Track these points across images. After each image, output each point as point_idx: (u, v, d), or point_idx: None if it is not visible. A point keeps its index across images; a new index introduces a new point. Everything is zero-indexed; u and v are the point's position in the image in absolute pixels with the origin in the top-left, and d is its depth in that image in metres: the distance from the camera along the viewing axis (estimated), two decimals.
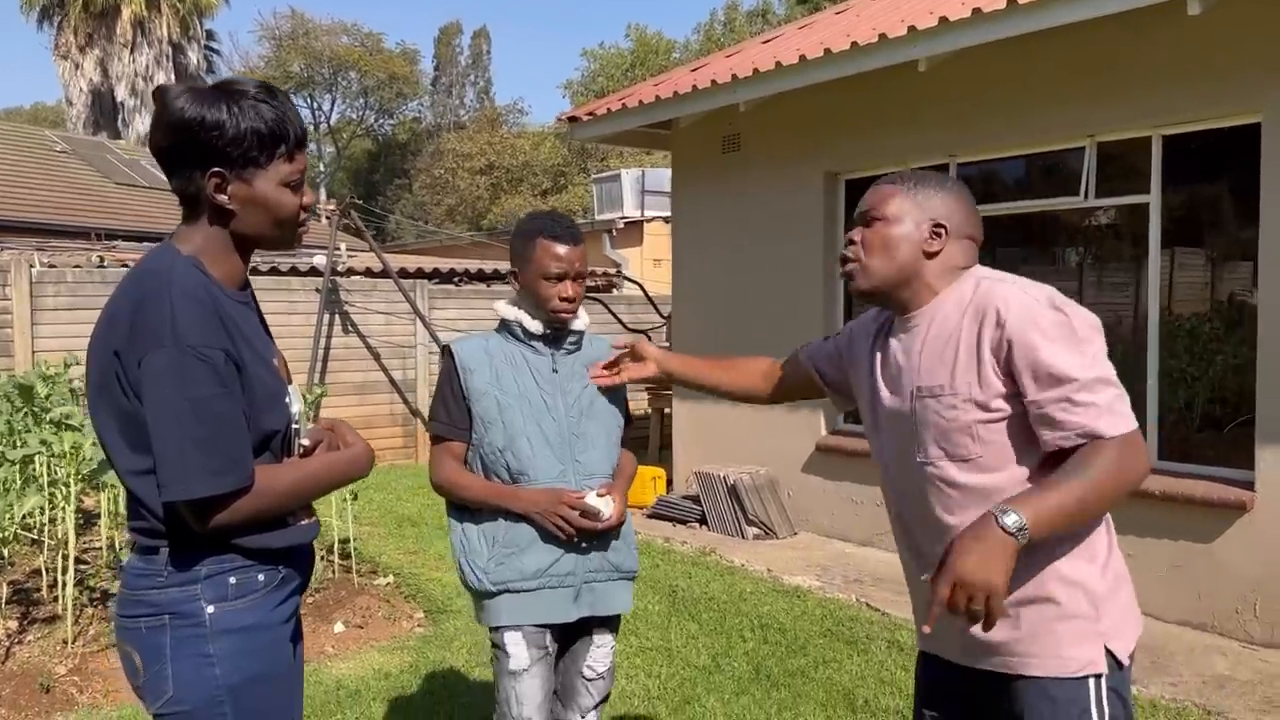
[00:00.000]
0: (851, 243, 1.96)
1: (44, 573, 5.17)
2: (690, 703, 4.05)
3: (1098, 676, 1.77)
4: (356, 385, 9.99)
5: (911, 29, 5.44)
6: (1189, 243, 5.35)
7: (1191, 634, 4.84)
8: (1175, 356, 5.25)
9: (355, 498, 6.05)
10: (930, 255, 1.89)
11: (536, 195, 28.03)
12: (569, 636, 2.59)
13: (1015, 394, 1.75)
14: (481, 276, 11.37)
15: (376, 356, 10.17)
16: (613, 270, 12.71)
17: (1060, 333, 1.72)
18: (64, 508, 4.77)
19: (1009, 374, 1.75)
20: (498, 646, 2.50)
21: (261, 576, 1.73)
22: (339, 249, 10.63)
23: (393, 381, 10.27)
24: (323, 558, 5.78)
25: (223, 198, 1.67)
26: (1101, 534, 1.84)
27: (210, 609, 1.67)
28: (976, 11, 5.11)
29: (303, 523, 1.80)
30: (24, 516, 5.01)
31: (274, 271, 10.06)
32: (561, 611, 2.48)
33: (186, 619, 1.66)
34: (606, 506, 2.43)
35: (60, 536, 4.72)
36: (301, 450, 1.81)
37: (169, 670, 1.66)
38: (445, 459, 2.53)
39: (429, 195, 31.69)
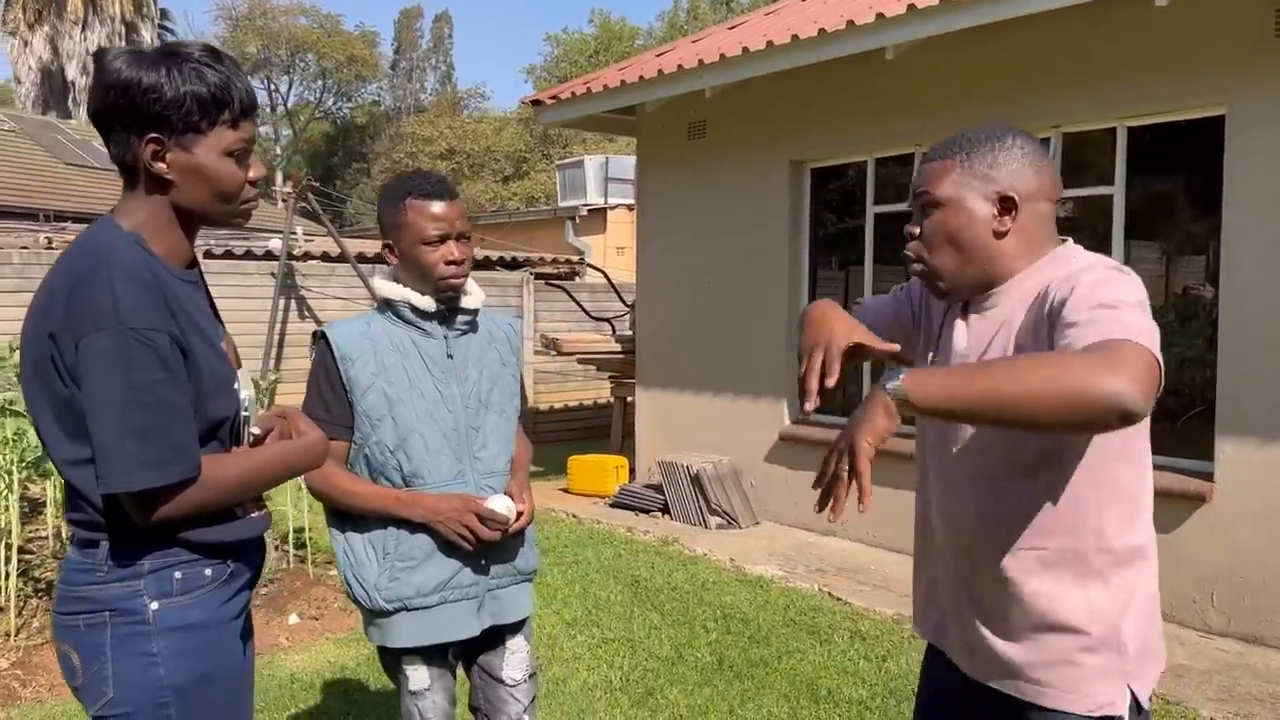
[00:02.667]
0: (912, 237, 1.71)
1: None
2: (653, 694, 4.00)
3: (1116, 719, 1.60)
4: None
5: (879, 16, 5.40)
6: (1151, 234, 5.38)
7: None
8: None
9: (300, 487, 5.91)
10: (1002, 235, 1.64)
11: (498, 181, 27.78)
12: (477, 648, 2.40)
13: None
14: None
15: None
16: (575, 258, 12.60)
17: (1111, 283, 1.52)
18: (6, 496, 4.60)
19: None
20: (395, 666, 2.30)
21: (209, 571, 1.63)
22: (295, 233, 10.42)
23: None
24: (276, 548, 5.65)
25: (160, 165, 1.57)
26: (1142, 566, 1.65)
27: (154, 605, 1.57)
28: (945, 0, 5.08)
29: (252, 515, 1.71)
30: None
31: (228, 255, 9.84)
32: (464, 626, 2.27)
33: (128, 616, 1.57)
34: (512, 511, 2.23)
35: (2, 526, 4.55)
36: (252, 439, 1.72)
37: (109, 671, 1.56)
38: (327, 461, 2.26)
39: (388, 179, 31.30)
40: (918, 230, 1.70)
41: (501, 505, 2.23)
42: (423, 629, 2.24)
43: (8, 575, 4.49)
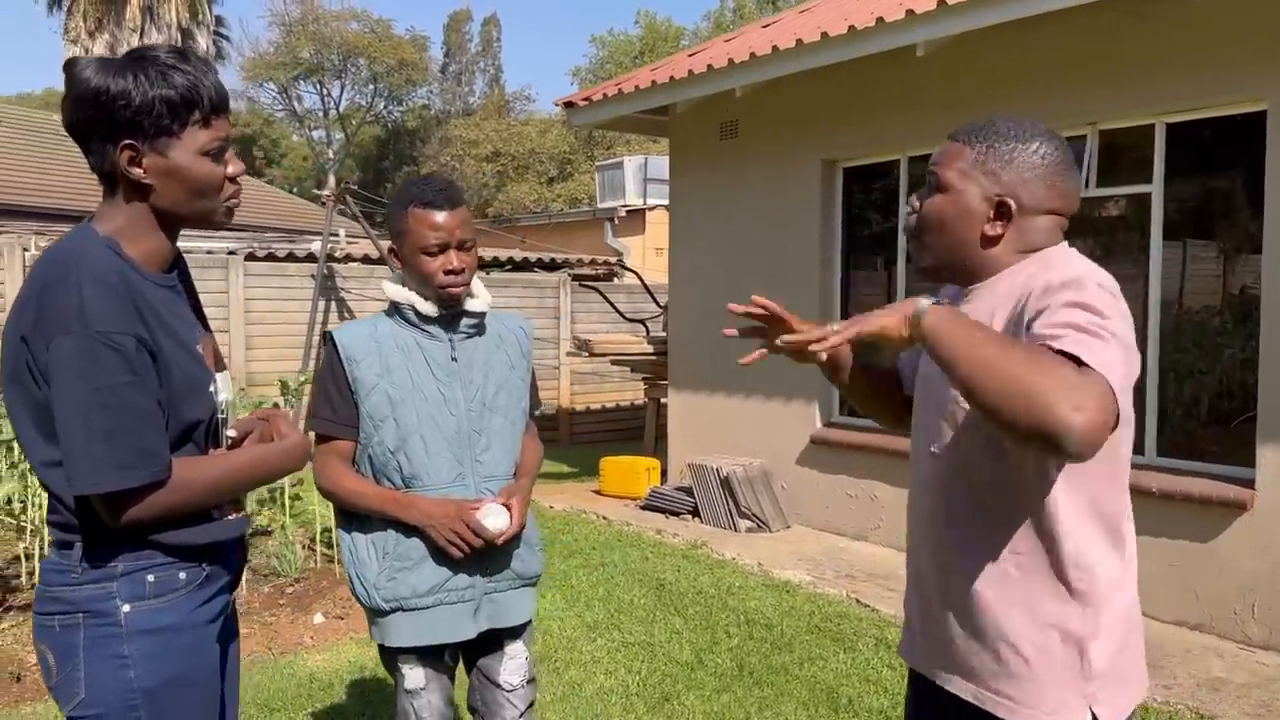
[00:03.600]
0: (913, 210, 1.70)
1: (23, 559, 5.12)
2: (669, 700, 3.97)
3: None
4: None
5: (909, 12, 5.32)
6: (1193, 233, 5.22)
7: (1188, 634, 4.73)
8: (1180, 350, 5.13)
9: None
10: (990, 240, 1.61)
11: (543, 183, 27.88)
12: (476, 650, 2.41)
13: None
14: (481, 264, 11.27)
15: None
16: (613, 259, 12.60)
17: (1085, 299, 1.46)
18: (40, 492, 4.71)
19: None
20: (393, 665, 2.34)
21: (183, 574, 1.64)
22: (336, 235, 10.55)
23: None
24: (305, 547, 5.72)
25: (137, 171, 1.58)
26: (1117, 587, 1.59)
27: (126, 608, 1.58)
28: None
29: (229, 517, 1.71)
30: (6, 503, 4.95)
31: (270, 257, 9.99)
32: (460, 629, 2.28)
33: (101, 618, 1.58)
34: (504, 521, 2.23)
35: (38, 522, 4.66)
36: (229, 442, 1.72)
37: (81, 672, 1.58)
38: (331, 460, 2.27)
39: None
40: (919, 205, 1.69)
41: (493, 519, 2.22)
42: (418, 629, 2.25)
43: (36, 571, 4.58)
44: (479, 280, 2.35)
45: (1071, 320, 1.42)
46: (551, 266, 11.53)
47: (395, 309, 2.29)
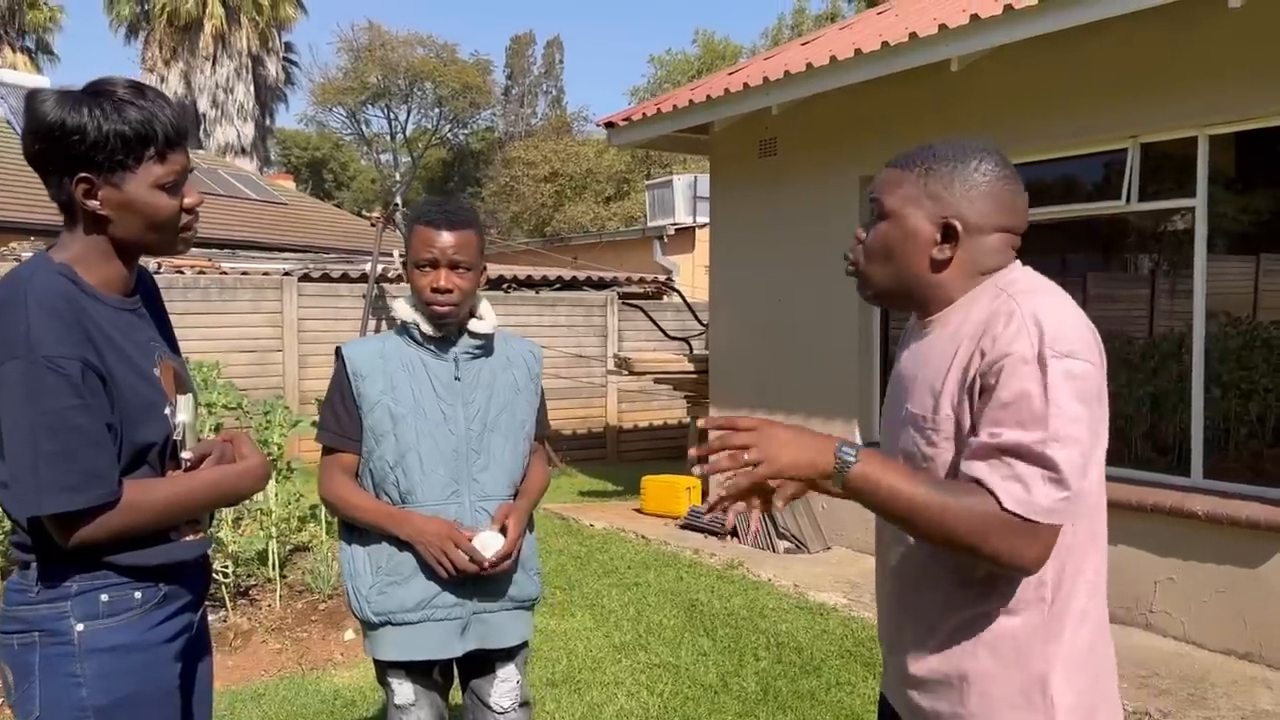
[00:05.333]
0: (859, 240, 1.65)
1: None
2: None
3: None
4: None
5: (942, 27, 5.24)
6: (1238, 248, 5.04)
7: (1235, 664, 4.53)
8: (1226, 368, 4.95)
9: None
10: (939, 265, 1.55)
11: (599, 202, 28.06)
12: (470, 670, 2.42)
13: None
14: (530, 283, 11.37)
15: None
16: (662, 277, 12.61)
17: (1040, 387, 1.39)
18: None
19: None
20: (382, 679, 2.38)
21: (138, 594, 1.67)
22: (390, 254, 10.73)
23: None
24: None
25: (93, 203, 1.62)
26: (1083, 622, 1.53)
27: (80, 627, 1.62)
28: (1008, 8, 4.89)
29: (187, 538, 1.74)
30: None
31: (325, 278, 10.20)
32: (446, 646, 2.30)
33: (55, 637, 1.61)
34: (496, 545, 2.24)
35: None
36: (186, 464, 1.75)
37: (36, 690, 1.61)
38: (334, 472, 2.33)
39: (497, 203, 32.04)
40: (864, 235, 1.64)
41: (487, 544, 2.24)
42: (404, 644, 2.29)
43: None
44: (486, 303, 2.39)
45: (1017, 440, 1.39)
46: (600, 285, 11.57)
47: (404, 328, 2.34)
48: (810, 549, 6.58)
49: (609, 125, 7.88)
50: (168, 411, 1.71)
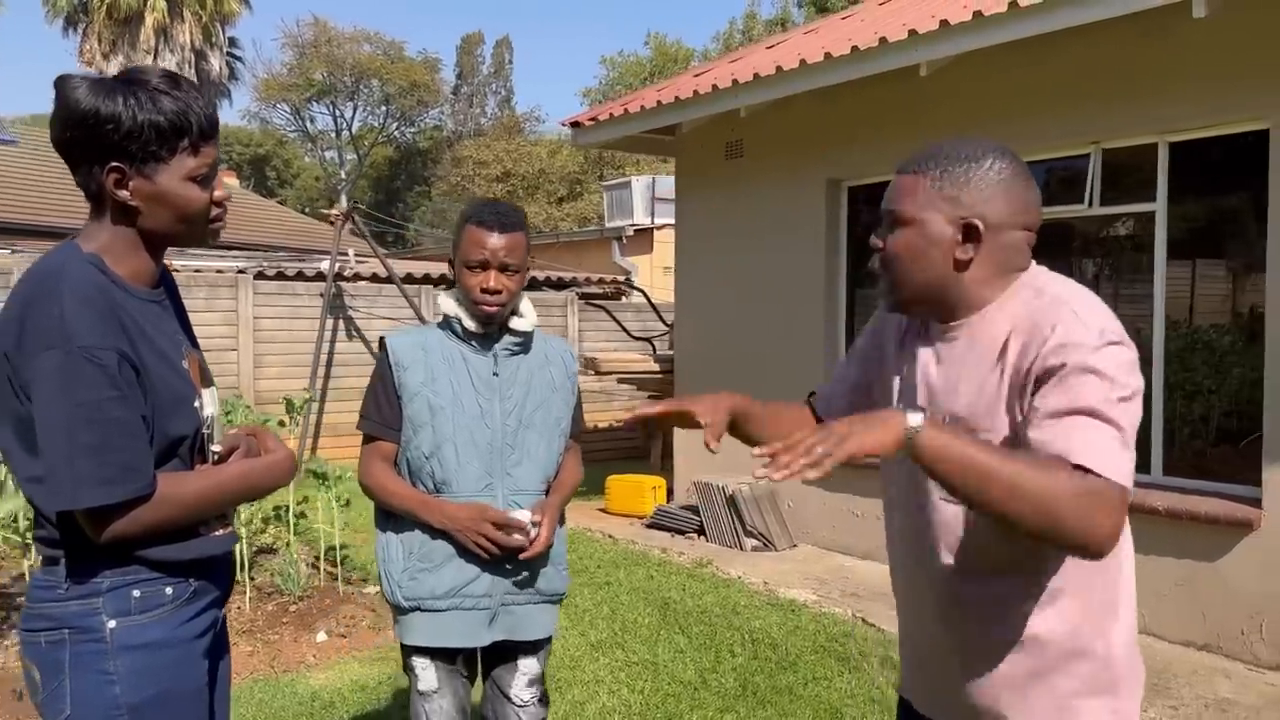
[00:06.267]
0: (876, 250, 1.65)
1: (28, 577, 5.12)
2: (672, 719, 3.95)
3: None
4: (360, 391, 9.89)
5: (912, 32, 5.34)
6: (1197, 252, 5.21)
7: (1195, 655, 4.68)
8: (1186, 369, 5.11)
9: (348, 504, 5.98)
10: (964, 263, 1.56)
11: (552, 203, 28.01)
12: (493, 660, 2.46)
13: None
14: None
15: None
16: (621, 278, 12.63)
17: (1102, 372, 1.42)
18: None
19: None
20: (408, 665, 2.41)
21: (169, 590, 1.64)
22: (346, 254, 10.61)
23: None
24: (311, 564, 5.72)
25: (124, 194, 1.59)
26: (1125, 596, 1.59)
27: (111, 624, 1.59)
28: (977, 15, 5.00)
29: (216, 533, 1.72)
30: (11, 520, 4.96)
31: (280, 276, 10.05)
32: (473, 635, 2.35)
33: (86, 634, 1.58)
34: (528, 519, 2.30)
35: None
36: (215, 457, 1.73)
37: (67, 688, 1.58)
38: (374, 460, 2.39)
39: (447, 202, 31.79)
40: (882, 244, 1.63)
41: (523, 516, 2.30)
42: (432, 630, 2.34)
43: None
44: (527, 301, 2.45)
45: (1083, 402, 1.41)
46: (559, 285, 11.55)
47: (446, 321, 2.40)
48: (777, 547, 6.64)
49: (575, 125, 7.88)
50: (197, 404, 1.69)
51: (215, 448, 1.73)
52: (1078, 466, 1.37)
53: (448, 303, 2.39)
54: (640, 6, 73.72)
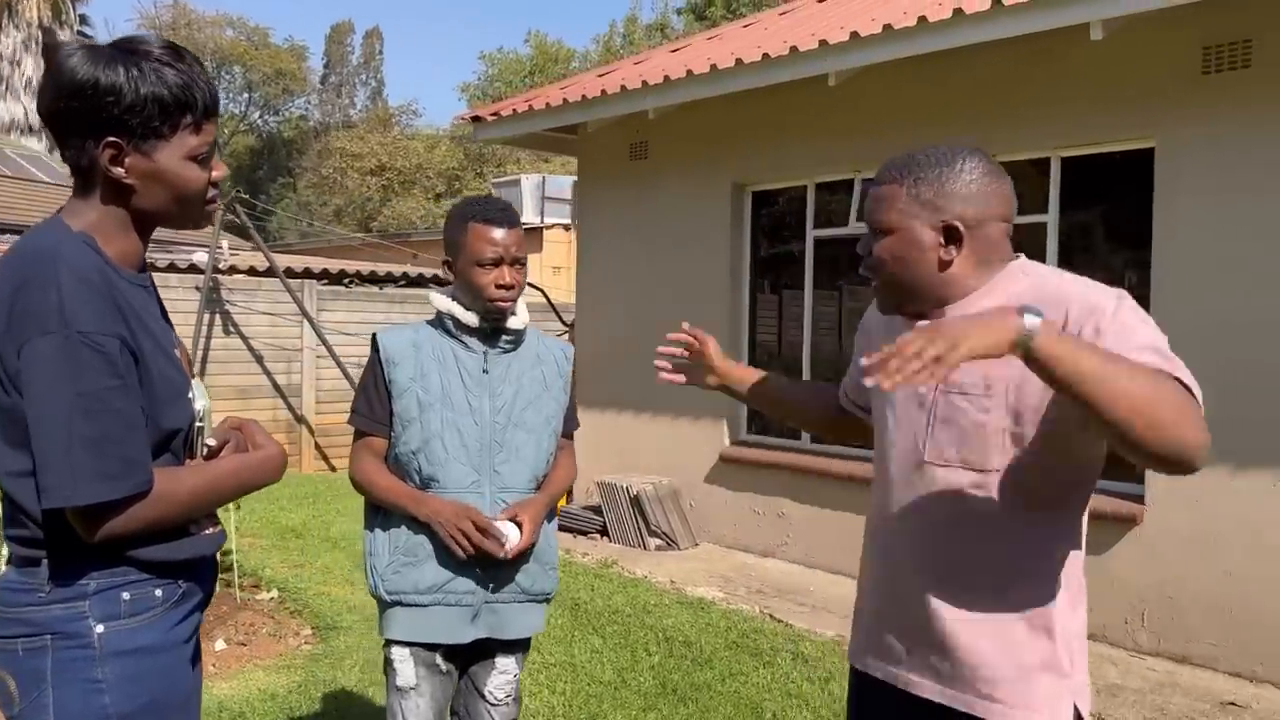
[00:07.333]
0: (863, 257, 1.72)
1: None
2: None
3: None
4: (238, 389, 9.52)
5: (823, 43, 5.47)
6: (1085, 261, 5.51)
7: None
8: None
9: (238, 507, 5.73)
10: (948, 264, 1.62)
11: (430, 198, 27.48)
12: (471, 656, 2.43)
13: (1051, 417, 1.55)
14: (374, 279, 11.02)
15: (259, 359, 9.73)
16: None
17: (1137, 318, 1.52)
18: None
19: None
20: (387, 660, 2.38)
21: (159, 592, 1.53)
22: (220, 246, 10.14)
23: (276, 386, 9.84)
24: None
25: (119, 170, 1.48)
26: (1080, 576, 1.68)
27: (100, 628, 1.47)
28: (887, 28, 5.17)
29: (207, 531, 1.61)
30: None
31: (151, 268, 9.50)
32: (455, 632, 2.32)
33: (72, 640, 1.46)
34: (514, 535, 2.27)
35: None
36: (206, 451, 1.63)
37: (49, 698, 1.45)
38: (364, 455, 2.39)
39: (314, 195, 30.78)
40: (867, 252, 1.70)
41: (509, 531, 2.27)
42: (413, 625, 2.32)
43: None
44: (521, 300, 2.43)
45: (1151, 340, 1.48)
46: (447, 282, 11.34)
47: (438, 318, 2.39)
48: (680, 546, 6.70)
49: (476, 119, 7.76)
50: (190, 396, 1.58)
51: (210, 441, 1.62)
52: (1177, 379, 1.42)
53: (440, 300, 2.38)
54: (518, 5, 73.29)
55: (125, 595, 1.50)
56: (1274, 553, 4.50)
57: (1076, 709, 1.65)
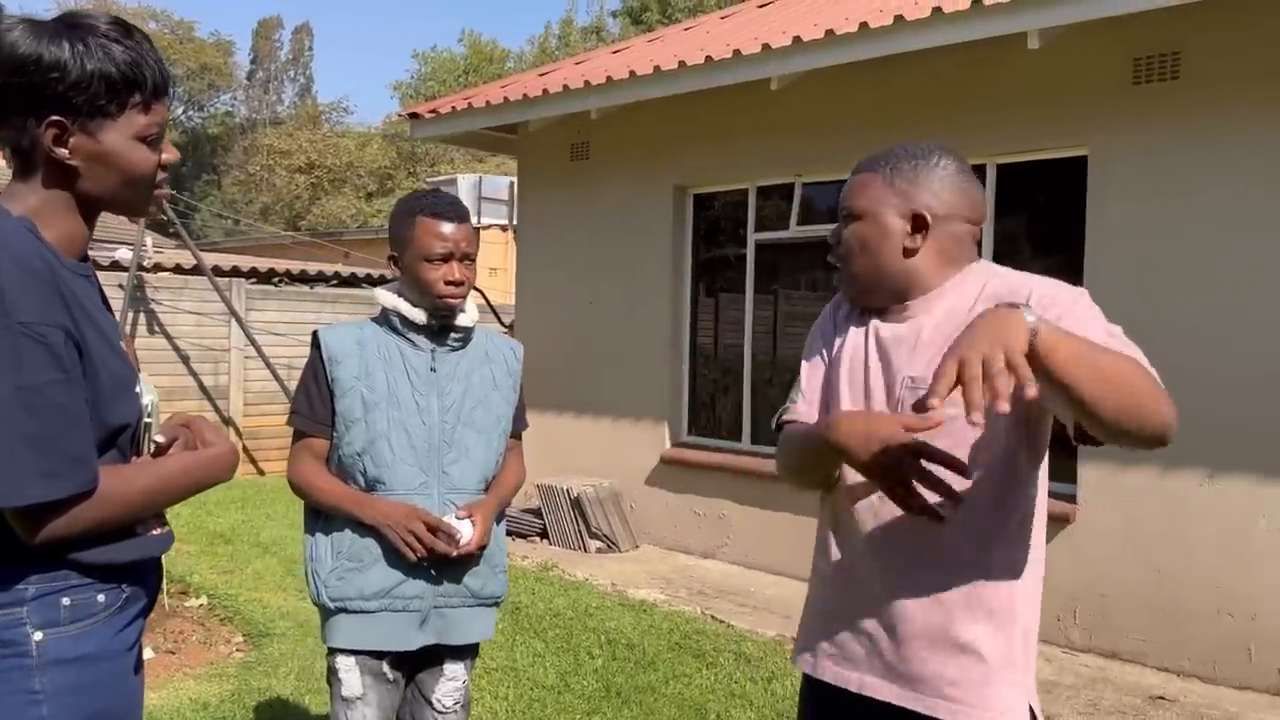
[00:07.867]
0: (833, 245, 1.76)
1: None
2: None
3: None
4: (163, 391, 9.22)
5: (765, 46, 5.50)
6: (1019, 267, 5.60)
7: None
8: None
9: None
10: (912, 252, 1.67)
11: (360, 197, 27.04)
12: (418, 663, 2.36)
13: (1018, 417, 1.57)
14: (305, 278, 10.78)
15: (185, 360, 9.46)
16: None
17: (1092, 312, 1.57)
18: None
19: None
20: (331, 669, 2.30)
21: (102, 597, 1.45)
22: (144, 244, 9.83)
23: (203, 387, 9.57)
24: None
25: (62, 151, 1.40)
26: (1040, 573, 1.71)
27: (38, 636, 1.38)
28: (829, 33, 5.21)
29: (154, 532, 1.54)
30: None
31: None
32: (402, 638, 2.26)
33: (8, 648, 1.37)
34: (467, 530, 2.22)
35: None
36: (154, 448, 1.55)
37: None
38: (304, 456, 2.29)
39: (240, 192, 30.08)
40: (837, 240, 1.75)
41: (454, 522, 2.22)
42: (359, 633, 2.24)
43: None
44: (470, 297, 2.37)
45: (1109, 329, 1.54)
46: (379, 281, 11.16)
47: (383, 316, 2.32)
48: (620, 548, 6.67)
49: (413, 116, 7.65)
50: (138, 390, 1.51)
51: (158, 438, 1.55)
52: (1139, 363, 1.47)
53: (385, 296, 2.30)
54: (451, 4, 72.65)
55: (65, 600, 1.41)
56: (1201, 550, 4.64)
57: (1031, 709, 1.65)
